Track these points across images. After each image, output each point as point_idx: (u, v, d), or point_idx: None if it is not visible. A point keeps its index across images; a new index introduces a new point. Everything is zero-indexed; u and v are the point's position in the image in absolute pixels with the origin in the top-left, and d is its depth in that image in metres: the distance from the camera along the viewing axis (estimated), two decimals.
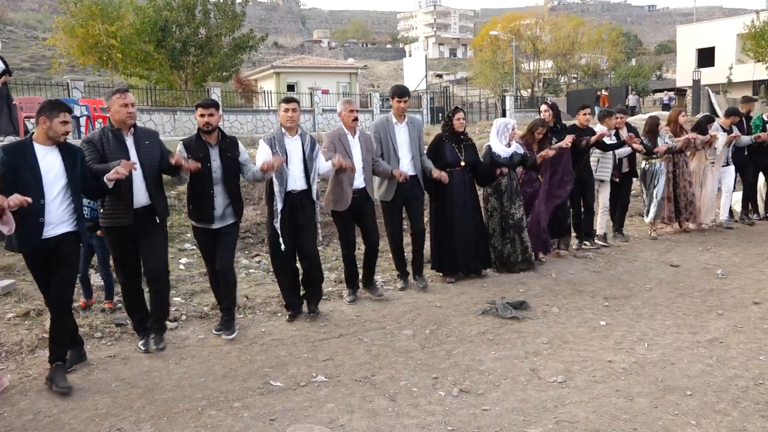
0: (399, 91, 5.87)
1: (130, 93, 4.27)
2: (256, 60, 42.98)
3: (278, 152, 4.86)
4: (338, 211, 5.49)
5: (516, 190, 6.50)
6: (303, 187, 5.03)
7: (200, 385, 3.89)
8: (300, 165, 5.01)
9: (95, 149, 4.16)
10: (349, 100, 5.74)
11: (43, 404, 3.66)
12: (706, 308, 5.30)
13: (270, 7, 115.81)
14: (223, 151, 4.67)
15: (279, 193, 4.92)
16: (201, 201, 4.66)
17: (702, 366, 4.05)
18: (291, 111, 4.98)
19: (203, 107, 4.64)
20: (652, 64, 54.15)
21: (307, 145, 5.06)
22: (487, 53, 45.95)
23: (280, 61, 38.84)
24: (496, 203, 6.47)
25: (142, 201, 4.27)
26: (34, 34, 53.82)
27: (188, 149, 4.59)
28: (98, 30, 22.20)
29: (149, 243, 4.38)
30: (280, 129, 5.05)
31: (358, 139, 5.52)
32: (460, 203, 6.09)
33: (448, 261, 6.21)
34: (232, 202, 4.74)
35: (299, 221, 5.01)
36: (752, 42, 33.72)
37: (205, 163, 4.53)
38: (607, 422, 3.33)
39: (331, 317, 5.22)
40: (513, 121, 6.78)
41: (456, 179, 6.06)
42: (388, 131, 5.83)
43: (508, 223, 6.46)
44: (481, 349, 4.44)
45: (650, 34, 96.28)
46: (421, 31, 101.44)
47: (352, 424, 3.37)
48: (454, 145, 6.14)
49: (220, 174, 4.64)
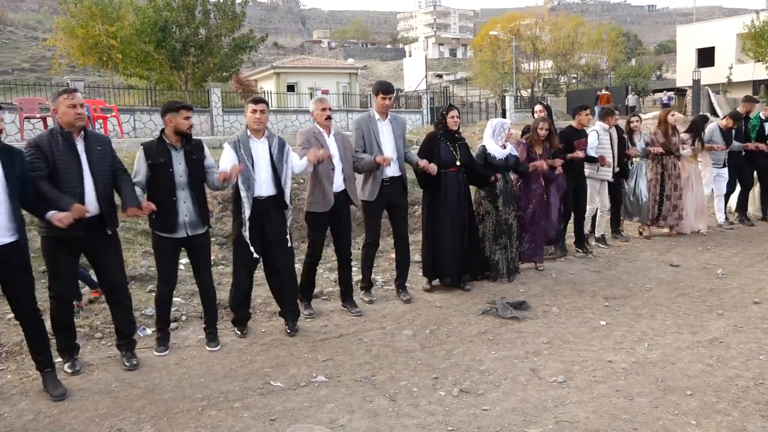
0: (384, 87, 5.56)
1: (78, 93, 4.00)
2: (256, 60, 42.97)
3: (243, 156, 4.60)
4: (315, 213, 5.18)
5: (511, 194, 6.30)
6: (271, 192, 4.71)
7: (200, 386, 3.89)
8: (267, 169, 4.69)
9: (41, 155, 3.83)
10: (321, 98, 5.40)
11: (44, 404, 3.66)
12: (706, 308, 5.30)
13: (270, 7, 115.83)
14: (188, 154, 4.38)
15: (246, 199, 4.62)
16: (163, 208, 4.25)
17: (702, 366, 4.05)
18: (259, 112, 4.67)
19: (188, 109, 4.40)
20: (651, 64, 54.15)
21: (275, 147, 4.75)
22: (486, 53, 45.94)
23: (280, 62, 38.81)
24: (490, 207, 6.22)
25: (92, 211, 3.93)
26: (34, 35, 53.81)
27: (149, 154, 4.31)
28: (98, 30, 22.21)
29: (103, 256, 4.13)
30: (245, 131, 4.74)
31: (335, 137, 5.25)
32: (453, 206, 5.80)
33: (436, 266, 5.93)
34: (200, 208, 4.44)
35: (267, 232, 4.69)
36: (752, 42, 33.72)
37: (167, 168, 4.29)
38: (607, 422, 3.33)
39: (331, 317, 5.22)
40: (508, 121, 6.60)
41: (451, 180, 5.79)
42: (371, 128, 5.50)
43: (501, 228, 6.22)
44: (482, 349, 4.44)
45: (650, 34, 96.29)
46: (421, 32, 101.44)
47: (353, 425, 3.37)
48: (449, 144, 5.85)
49: (186, 179, 4.34)
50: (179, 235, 4.37)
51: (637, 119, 8.04)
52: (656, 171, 8.02)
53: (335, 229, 5.33)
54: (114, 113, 15.83)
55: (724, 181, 8.66)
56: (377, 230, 5.64)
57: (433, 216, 5.84)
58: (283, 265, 4.85)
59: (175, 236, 4.36)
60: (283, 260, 4.83)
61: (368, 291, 5.73)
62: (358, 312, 5.30)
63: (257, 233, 4.67)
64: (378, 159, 5.25)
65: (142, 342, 4.67)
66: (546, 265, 6.77)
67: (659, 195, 8.02)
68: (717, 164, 8.56)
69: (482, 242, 6.23)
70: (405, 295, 5.68)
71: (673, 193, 8.00)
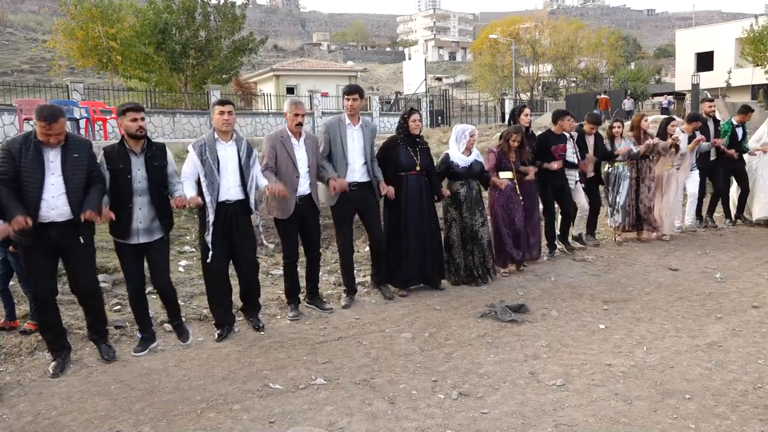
0: (348, 88, 5.48)
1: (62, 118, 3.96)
2: (255, 63, 43.09)
3: (209, 159, 4.50)
4: (280, 219, 5.13)
5: (476, 200, 6.15)
6: (238, 197, 4.62)
7: (199, 388, 3.89)
8: (235, 173, 4.60)
9: (11, 159, 3.86)
10: (295, 101, 5.26)
11: (42, 406, 3.66)
12: (705, 312, 5.31)
13: (270, 10, 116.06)
14: (149, 159, 4.30)
15: (210, 204, 4.50)
16: (119, 214, 4.20)
17: (701, 370, 4.06)
18: (227, 114, 4.56)
19: (134, 110, 4.26)
20: (651, 68, 54.31)
21: (243, 150, 4.65)
22: (486, 57, 46.07)
23: (280, 64, 38.90)
24: (455, 213, 6.11)
25: (65, 215, 3.96)
26: (34, 36, 53.88)
27: (109, 158, 4.24)
28: (98, 32, 22.27)
29: (74, 262, 4.14)
30: (212, 134, 4.63)
31: (304, 142, 5.13)
32: (416, 210, 5.70)
33: (401, 272, 5.80)
34: (159, 215, 4.37)
35: (233, 235, 4.64)
36: (751, 46, 33.83)
37: (125, 174, 4.22)
38: (606, 426, 3.33)
39: (330, 320, 5.22)
40: (471, 127, 6.34)
41: (411, 184, 5.69)
42: (339, 133, 5.40)
43: (467, 234, 6.11)
44: (481, 352, 4.45)
45: (649, 38, 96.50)
46: (421, 35, 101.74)
47: (351, 427, 3.37)
48: (409, 148, 5.72)
49: (145, 185, 4.28)
50: (132, 242, 4.33)
51: (618, 124, 7.97)
52: (631, 176, 7.90)
53: (302, 231, 5.29)
54: (114, 115, 15.84)
55: (696, 183, 8.49)
56: (349, 236, 5.61)
57: (395, 220, 5.75)
58: (248, 268, 4.89)
59: (128, 242, 4.33)
60: (250, 256, 4.86)
61: (351, 296, 5.65)
62: (329, 309, 5.34)
63: (223, 238, 4.60)
64: (331, 183, 5.20)
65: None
66: (545, 268, 6.78)
67: (635, 200, 7.92)
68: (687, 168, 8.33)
69: (451, 249, 6.13)
70: (387, 291, 5.71)
71: (646, 196, 7.92)
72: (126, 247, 4.37)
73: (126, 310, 5.34)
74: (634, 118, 8.28)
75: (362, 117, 5.57)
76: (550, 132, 7.21)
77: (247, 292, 4.98)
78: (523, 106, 7.09)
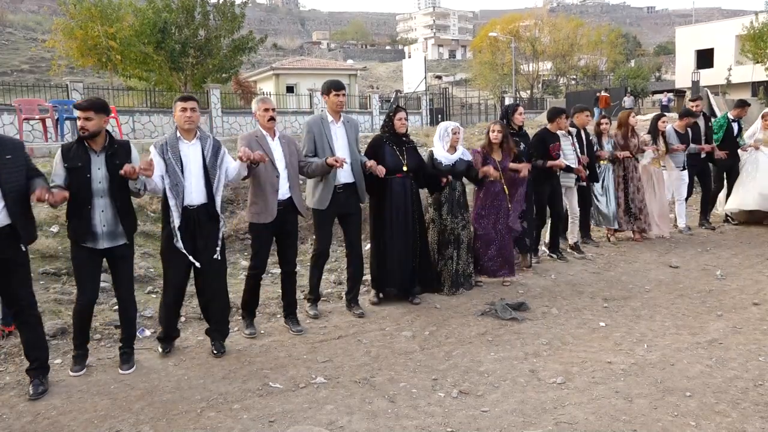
0: (335, 84, 5.18)
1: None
2: (255, 61, 43.04)
3: (171, 160, 4.19)
4: (259, 224, 4.75)
5: (459, 202, 5.85)
6: (202, 200, 4.27)
7: (199, 387, 3.89)
8: (199, 174, 4.25)
9: None
10: (263, 98, 4.93)
11: (42, 406, 3.65)
12: (705, 309, 5.30)
13: (269, 8, 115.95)
14: (110, 158, 3.99)
15: (175, 208, 4.17)
16: (78, 216, 3.96)
17: (701, 367, 4.05)
18: (189, 111, 4.24)
19: (78, 110, 3.94)
20: (651, 65, 54.26)
21: (209, 150, 4.31)
22: (486, 55, 46.05)
23: (280, 63, 38.84)
24: (435, 215, 5.85)
25: (2, 221, 3.67)
26: (34, 36, 53.83)
27: (66, 156, 3.94)
28: (97, 32, 22.24)
29: (14, 274, 3.79)
30: (174, 132, 4.31)
31: (279, 140, 4.82)
32: (401, 214, 5.43)
33: (382, 277, 5.57)
34: (121, 218, 4.05)
35: (198, 245, 4.28)
36: (751, 43, 33.76)
37: (84, 173, 3.92)
38: (606, 423, 3.33)
39: (330, 319, 5.22)
40: (455, 124, 6.06)
41: (396, 187, 5.40)
42: (323, 131, 5.11)
43: (446, 238, 5.83)
44: (481, 350, 4.44)
45: (649, 36, 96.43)
46: (421, 33, 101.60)
47: (352, 426, 3.36)
48: (396, 147, 5.44)
49: (105, 185, 3.97)
50: (94, 246, 4.01)
51: (606, 121, 7.89)
52: (618, 174, 7.85)
53: (280, 240, 4.90)
54: (113, 114, 15.83)
55: (684, 185, 8.44)
56: (328, 240, 5.30)
57: (379, 225, 5.50)
58: (213, 280, 4.43)
59: (90, 246, 4.01)
60: (212, 275, 4.40)
61: (314, 304, 5.36)
62: (299, 330, 4.88)
63: (187, 245, 4.24)
64: (329, 160, 4.79)
65: (140, 343, 4.67)
66: (545, 266, 6.77)
67: (624, 199, 7.86)
68: (677, 167, 8.32)
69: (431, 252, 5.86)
70: (357, 309, 5.36)
71: (636, 195, 7.86)
72: (85, 252, 4.02)
73: None
74: (621, 116, 8.19)
75: (343, 114, 5.33)
76: (547, 130, 7.01)
77: (212, 310, 4.52)
78: (517, 104, 6.91)
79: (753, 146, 8.65)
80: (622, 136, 7.86)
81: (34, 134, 14.71)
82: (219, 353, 4.43)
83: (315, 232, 5.39)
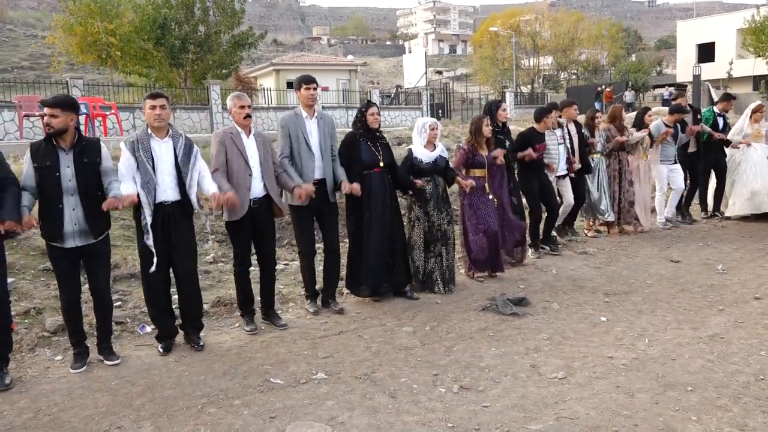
0: (304, 78, 5.11)
1: None
2: (255, 57, 42.96)
3: (142, 157, 4.18)
4: (233, 221, 4.73)
5: (443, 198, 5.78)
6: (176, 197, 4.27)
7: (200, 383, 3.89)
8: (171, 171, 4.25)
9: None
10: (239, 94, 4.86)
11: (43, 403, 3.66)
12: (706, 304, 5.29)
13: (269, 4, 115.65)
14: (78, 155, 3.97)
15: (147, 205, 4.16)
16: (49, 215, 3.95)
17: (703, 362, 4.05)
18: (159, 108, 4.20)
19: (45, 106, 3.93)
20: (652, 59, 54.02)
21: (180, 148, 4.31)
22: (486, 49, 45.93)
23: (280, 59, 38.80)
24: (420, 212, 5.73)
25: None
26: (33, 33, 53.77)
27: (35, 155, 3.93)
28: (97, 28, 22.19)
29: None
30: (146, 130, 4.29)
31: (254, 138, 4.77)
32: (379, 210, 5.34)
33: (360, 278, 5.44)
34: (93, 216, 4.02)
35: (172, 239, 4.28)
36: (752, 37, 33.67)
37: (53, 171, 3.90)
38: (607, 418, 3.32)
39: (331, 315, 5.21)
40: (433, 119, 5.96)
41: (375, 181, 5.33)
42: (299, 127, 5.05)
43: (433, 235, 5.74)
44: (482, 345, 4.44)
45: (650, 30, 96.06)
46: (421, 28, 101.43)
47: (353, 422, 3.36)
48: (371, 143, 5.38)
49: (74, 184, 3.94)
50: (67, 245, 4.00)
51: (599, 114, 7.91)
52: (613, 167, 7.86)
53: (256, 238, 4.88)
54: (113, 111, 15.82)
55: (680, 176, 8.42)
56: (310, 236, 5.27)
57: (358, 220, 5.40)
58: (186, 276, 4.44)
59: (62, 246, 4.00)
60: (186, 271, 4.43)
61: (313, 301, 5.35)
62: (283, 325, 4.89)
63: (162, 241, 4.25)
64: (296, 191, 4.81)
65: (141, 339, 4.68)
66: (546, 261, 6.76)
67: (619, 192, 7.87)
68: (668, 160, 8.30)
69: (412, 251, 5.78)
70: (335, 305, 5.32)
71: (629, 189, 7.88)
72: (60, 251, 4.02)
73: (126, 306, 5.35)
74: (613, 109, 8.19)
75: (317, 109, 5.26)
76: (534, 129, 6.95)
77: (186, 305, 4.53)
78: (500, 101, 6.84)
79: (744, 143, 8.65)
80: (617, 130, 7.87)
81: (34, 131, 14.69)
82: (198, 347, 4.45)
83: (295, 230, 5.38)
